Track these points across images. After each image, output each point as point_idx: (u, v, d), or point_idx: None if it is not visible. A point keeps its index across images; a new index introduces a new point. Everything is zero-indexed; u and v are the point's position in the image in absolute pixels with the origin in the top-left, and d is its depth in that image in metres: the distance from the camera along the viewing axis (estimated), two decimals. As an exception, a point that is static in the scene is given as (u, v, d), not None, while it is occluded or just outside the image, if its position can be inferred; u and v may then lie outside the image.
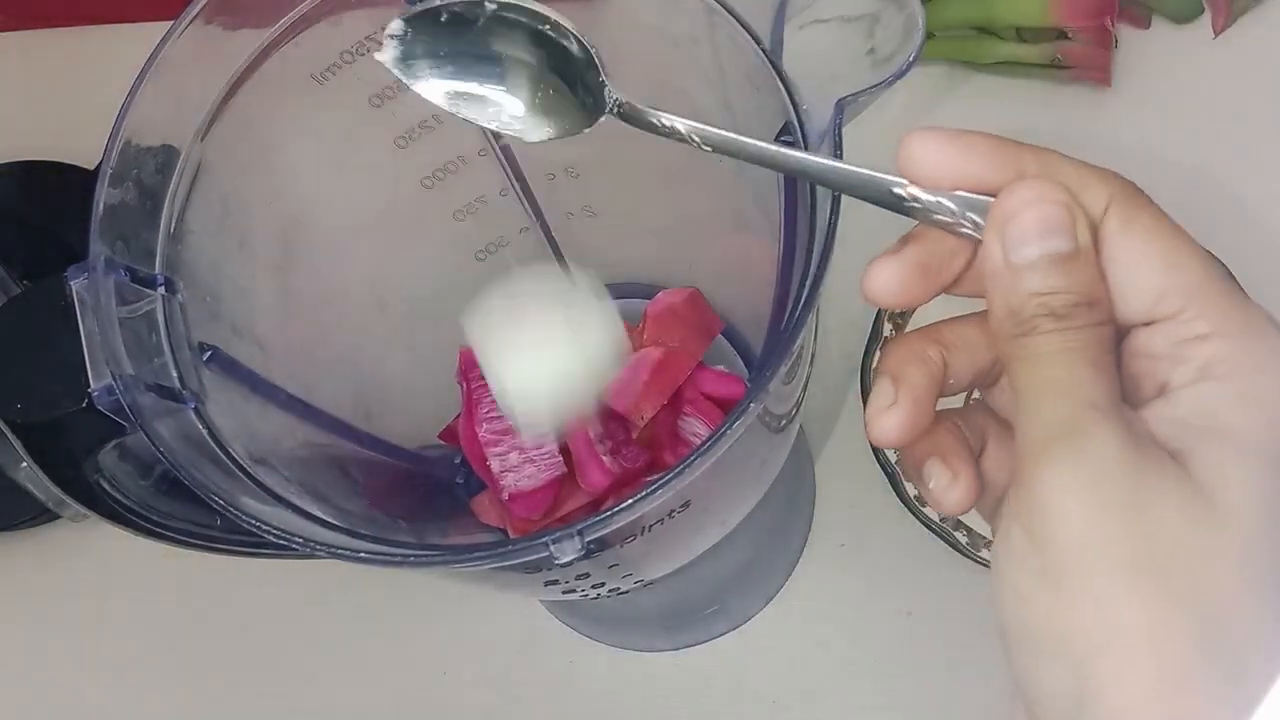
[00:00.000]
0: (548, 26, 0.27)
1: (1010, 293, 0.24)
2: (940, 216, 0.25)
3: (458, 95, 0.28)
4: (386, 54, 0.27)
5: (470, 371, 0.41)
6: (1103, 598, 0.22)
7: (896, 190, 0.25)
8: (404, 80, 0.27)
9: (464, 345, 0.42)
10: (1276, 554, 0.22)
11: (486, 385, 0.40)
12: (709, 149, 0.26)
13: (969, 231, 0.25)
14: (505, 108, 0.28)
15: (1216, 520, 0.22)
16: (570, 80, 0.27)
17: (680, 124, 0.26)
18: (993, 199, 0.24)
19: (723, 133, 0.26)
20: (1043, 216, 0.23)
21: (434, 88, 0.27)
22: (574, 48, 0.27)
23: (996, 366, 0.27)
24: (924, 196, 0.25)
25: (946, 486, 0.26)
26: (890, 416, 0.26)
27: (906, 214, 0.25)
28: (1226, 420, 0.23)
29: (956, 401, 0.29)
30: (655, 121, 0.27)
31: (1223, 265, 0.39)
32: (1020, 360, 0.24)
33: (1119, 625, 0.22)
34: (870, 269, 0.25)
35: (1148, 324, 0.24)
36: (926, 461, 0.27)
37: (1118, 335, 0.24)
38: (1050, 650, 0.23)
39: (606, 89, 0.27)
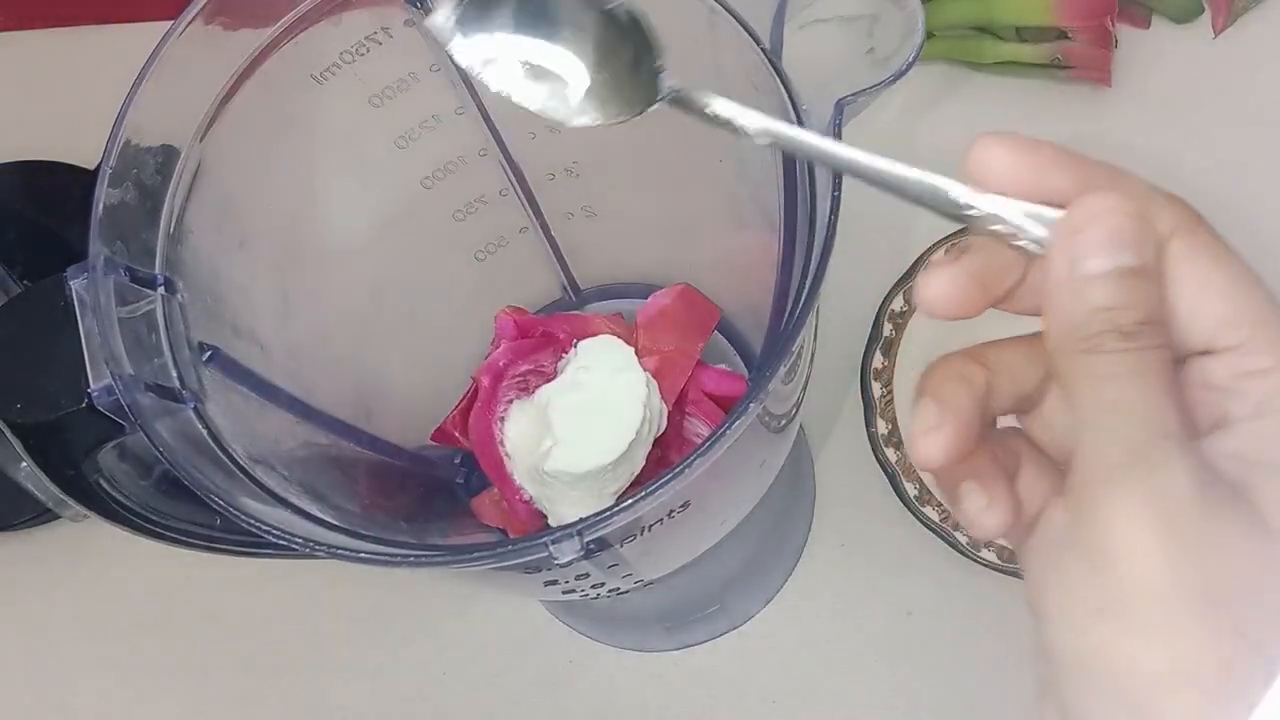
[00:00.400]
0: (615, 4, 0.26)
1: (1074, 306, 0.23)
2: (998, 227, 0.24)
3: (503, 70, 0.26)
4: (438, 18, 0.26)
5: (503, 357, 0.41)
6: (1173, 634, 0.21)
7: (954, 196, 0.24)
8: (449, 50, 0.26)
9: (500, 311, 0.42)
10: None
11: (511, 380, 0.40)
12: (766, 140, 0.25)
13: (1026, 244, 0.24)
14: (552, 88, 0.26)
15: None
16: (619, 65, 0.26)
17: (734, 112, 0.25)
18: (1056, 211, 0.24)
19: (775, 124, 0.25)
20: (1115, 228, 0.23)
21: (479, 58, 0.26)
22: (632, 30, 0.26)
23: (1037, 392, 0.27)
24: (984, 206, 0.24)
25: (983, 510, 0.26)
26: (935, 438, 0.25)
27: (963, 222, 0.24)
28: None
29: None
30: (709, 110, 0.26)
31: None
32: (1085, 379, 0.23)
33: (1190, 663, 0.21)
34: (925, 278, 0.25)
35: (1205, 353, 0.24)
36: (962, 484, 0.26)
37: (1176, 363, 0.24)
38: (1109, 685, 0.22)
39: (662, 75, 0.26)
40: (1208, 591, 0.21)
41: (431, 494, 0.44)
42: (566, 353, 0.41)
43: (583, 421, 0.37)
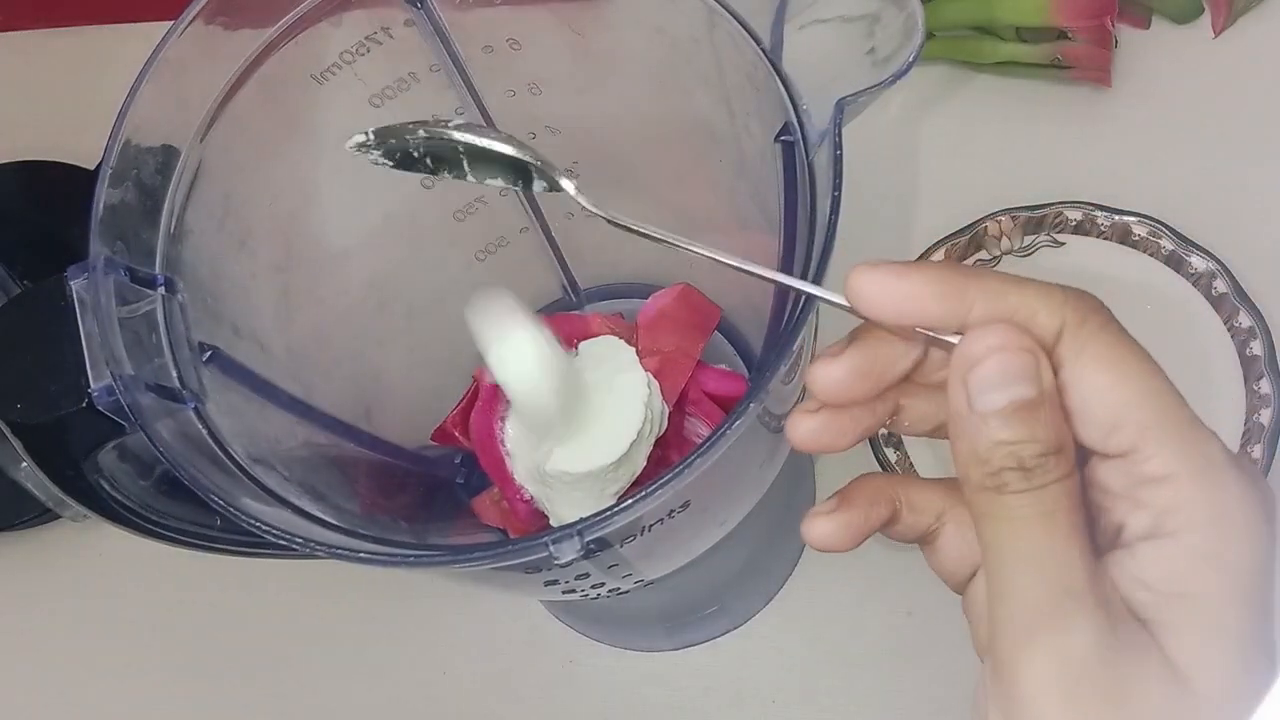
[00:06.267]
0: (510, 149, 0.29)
1: (976, 440, 0.23)
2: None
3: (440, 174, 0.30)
4: (354, 142, 0.29)
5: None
6: None
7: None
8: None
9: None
10: None
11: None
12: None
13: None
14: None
15: (1194, 708, 0.22)
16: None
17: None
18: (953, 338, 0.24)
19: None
20: (1005, 363, 0.23)
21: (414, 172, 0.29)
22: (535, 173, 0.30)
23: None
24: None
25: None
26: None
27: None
28: (1190, 585, 0.22)
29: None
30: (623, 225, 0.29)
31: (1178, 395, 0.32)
32: (992, 520, 0.23)
33: None
34: (815, 369, 0.25)
35: (1101, 456, 0.24)
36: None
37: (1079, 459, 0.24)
38: None
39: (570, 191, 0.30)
40: None
41: (431, 494, 0.44)
42: (567, 353, 0.41)
43: (584, 422, 0.37)
